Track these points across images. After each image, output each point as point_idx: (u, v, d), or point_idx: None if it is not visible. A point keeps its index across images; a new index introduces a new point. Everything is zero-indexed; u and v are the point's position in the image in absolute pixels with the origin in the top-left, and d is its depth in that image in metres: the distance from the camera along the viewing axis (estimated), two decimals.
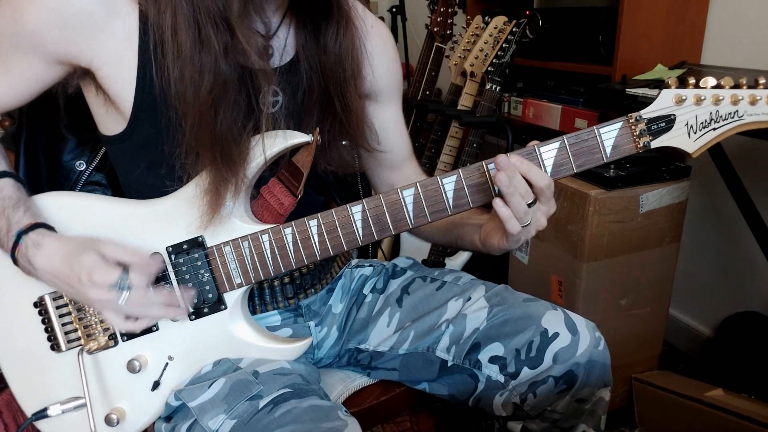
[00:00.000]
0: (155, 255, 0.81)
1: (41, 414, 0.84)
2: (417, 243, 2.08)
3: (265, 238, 0.82)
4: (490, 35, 1.94)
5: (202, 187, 0.80)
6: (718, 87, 0.76)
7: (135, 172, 0.86)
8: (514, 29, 1.88)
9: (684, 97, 0.76)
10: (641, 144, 0.78)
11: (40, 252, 0.77)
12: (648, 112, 0.77)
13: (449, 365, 0.94)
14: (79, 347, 0.84)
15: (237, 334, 0.85)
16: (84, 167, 0.95)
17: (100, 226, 0.83)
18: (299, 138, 0.84)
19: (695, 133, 0.77)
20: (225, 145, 0.77)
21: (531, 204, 0.76)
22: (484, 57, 1.95)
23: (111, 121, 0.84)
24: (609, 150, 0.78)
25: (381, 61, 0.95)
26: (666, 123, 0.77)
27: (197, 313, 0.84)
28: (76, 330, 0.85)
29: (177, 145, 0.78)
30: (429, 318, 0.97)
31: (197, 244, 0.83)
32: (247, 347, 0.86)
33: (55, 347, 0.86)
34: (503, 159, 0.75)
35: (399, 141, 1.05)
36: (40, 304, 0.85)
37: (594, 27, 1.79)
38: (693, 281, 1.97)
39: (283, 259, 0.83)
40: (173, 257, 0.83)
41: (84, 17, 0.74)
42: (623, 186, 1.52)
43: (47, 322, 0.85)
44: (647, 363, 1.75)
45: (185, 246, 0.83)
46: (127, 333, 0.84)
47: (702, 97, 0.76)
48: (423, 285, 1.02)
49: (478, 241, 0.90)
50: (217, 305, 0.84)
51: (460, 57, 2.09)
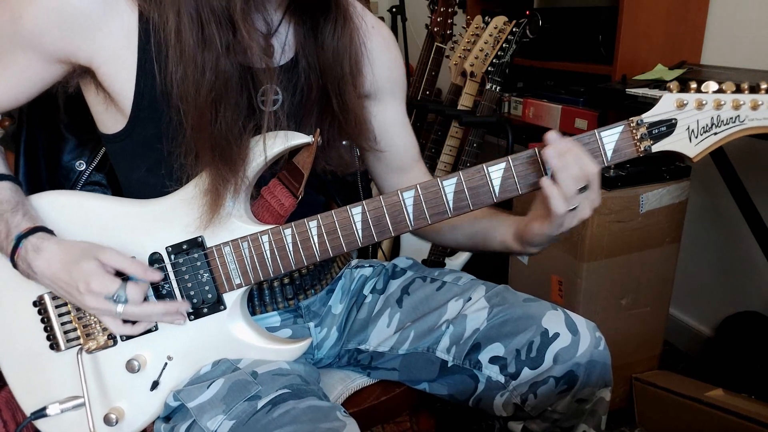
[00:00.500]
0: (156, 267, 0.82)
1: (40, 413, 0.84)
2: (417, 243, 2.08)
3: (265, 238, 0.82)
4: (490, 35, 1.94)
5: (201, 188, 0.80)
6: (719, 91, 0.75)
7: (135, 171, 0.86)
8: (514, 29, 1.88)
9: (685, 102, 0.76)
10: (642, 148, 0.77)
11: (39, 256, 0.77)
12: (649, 116, 0.77)
13: (449, 365, 0.94)
14: (78, 347, 0.84)
15: (236, 334, 0.85)
16: (84, 167, 0.95)
17: (99, 225, 0.83)
18: (300, 139, 0.83)
19: (696, 138, 0.77)
20: (225, 145, 0.77)
21: (582, 189, 0.76)
22: (484, 57, 1.95)
23: (110, 120, 0.84)
24: (610, 154, 0.78)
25: (382, 61, 0.94)
26: (667, 127, 0.77)
27: (196, 314, 0.84)
28: (75, 329, 0.85)
29: (177, 145, 0.78)
30: (429, 318, 0.97)
31: (197, 244, 0.83)
32: (247, 348, 0.86)
33: (55, 346, 0.86)
34: (553, 135, 0.75)
35: (404, 142, 1.03)
36: (39, 303, 0.85)
37: (594, 27, 1.79)
38: (693, 281, 1.97)
39: (283, 260, 0.83)
40: (173, 257, 0.83)
41: (82, 17, 0.74)
42: (623, 186, 1.52)
43: (46, 321, 0.85)
44: (647, 363, 1.75)
45: (185, 246, 0.83)
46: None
47: (703, 102, 0.76)
48: (423, 285, 1.02)
49: (510, 237, 0.89)
50: (217, 306, 0.84)
51: (460, 57, 2.09)
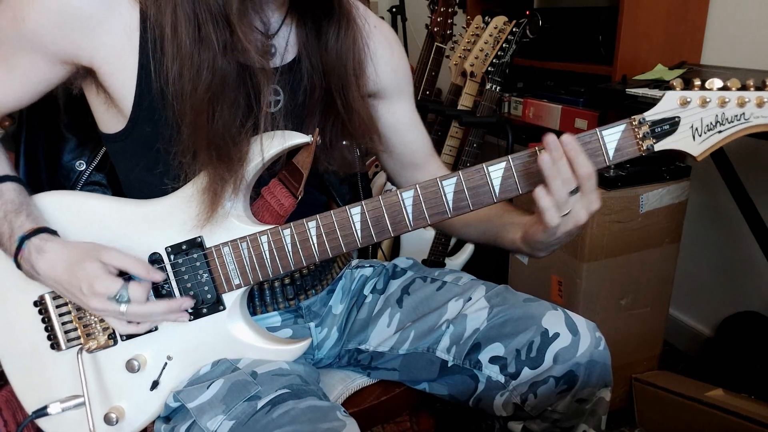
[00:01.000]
0: (156, 267, 0.82)
1: (41, 412, 0.84)
2: (417, 243, 2.08)
3: (264, 239, 0.82)
4: (490, 35, 1.94)
5: (199, 187, 0.80)
6: (724, 89, 0.74)
7: (135, 171, 0.86)
8: (514, 29, 1.88)
9: (689, 99, 0.74)
10: (645, 147, 0.76)
11: (42, 257, 0.77)
12: (652, 114, 0.75)
13: (449, 365, 0.94)
14: (79, 346, 0.84)
15: (236, 334, 0.85)
16: (84, 167, 0.95)
17: (100, 225, 0.83)
18: (298, 138, 0.83)
19: (700, 136, 0.75)
20: (222, 144, 0.77)
21: (573, 192, 0.74)
22: (484, 57, 1.95)
23: (111, 120, 0.84)
24: (612, 153, 0.76)
25: (384, 59, 0.95)
26: (670, 125, 0.75)
27: (196, 314, 0.84)
28: (75, 329, 0.85)
29: (174, 144, 0.78)
30: (429, 318, 0.97)
31: (196, 244, 0.83)
32: (246, 348, 0.86)
33: (55, 346, 0.86)
34: (552, 139, 0.73)
35: (415, 138, 1.03)
36: (40, 303, 0.85)
37: (594, 27, 1.79)
38: (693, 281, 1.97)
39: (282, 261, 0.83)
40: (172, 257, 0.83)
41: (83, 16, 0.74)
42: (623, 186, 1.52)
43: (47, 321, 0.85)
44: (647, 363, 1.75)
45: (184, 246, 0.83)
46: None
47: (707, 99, 0.74)
48: (423, 285, 1.02)
49: (519, 240, 0.88)
50: (216, 306, 0.84)
51: (460, 57, 2.09)
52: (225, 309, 0.84)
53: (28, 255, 0.78)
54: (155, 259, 0.83)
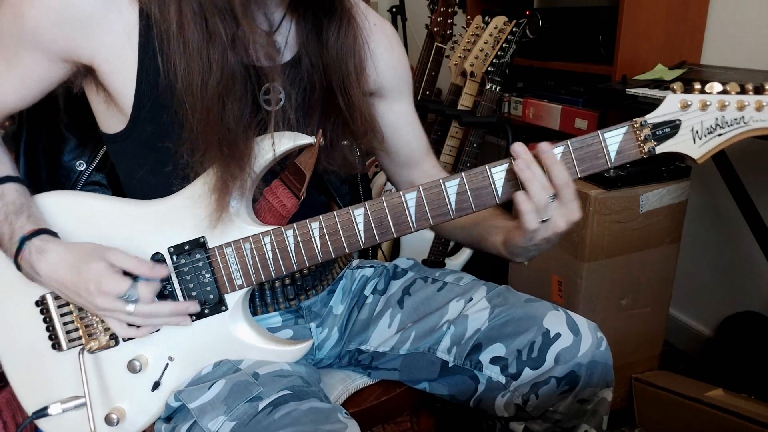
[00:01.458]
0: (161, 264, 0.81)
1: (42, 413, 0.84)
2: (417, 244, 2.08)
3: (267, 239, 0.82)
4: (490, 35, 1.94)
5: (209, 185, 0.79)
6: (723, 92, 0.75)
7: (137, 171, 0.86)
8: (514, 29, 1.88)
9: (689, 103, 0.75)
10: (646, 149, 0.77)
11: (43, 258, 0.77)
12: (653, 117, 0.76)
13: (450, 366, 0.94)
14: (80, 346, 0.84)
15: (237, 335, 0.85)
16: (84, 167, 0.95)
17: (101, 226, 0.83)
18: (304, 139, 0.83)
19: (700, 139, 0.76)
20: (232, 140, 0.77)
21: (552, 198, 0.76)
22: (484, 57, 1.95)
23: (112, 119, 0.84)
24: (613, 155, 0.77)
25: (384, 58, 0.95)
26: (671, 128, 0.76)
27: (198, 314, 0.84)
28: (77, 329, 0.85)
29: (182, 143, 0.78)
30: (430, 319, 0.97)
31: (199, 244, 0.82)
32: (248, 349, 0.86)
33: (56, 346, 0.85)
34: (517, 147, 0.75)
35: (413, 137, 1.04)
36: (41, 303, 0.85)
37: (594, 27, 1.79)
38: (693, 281, 1.97)
39: (285, 261, 0.82)
40: (175, 258, 0.82)
41: (83, 14, 0.74)
42: (623, 186, 1.52)
43: (49, 321, 0.85)
44: (647, 363, 1.75)
45: (187, 247, 0.82)
46: None
47: (707, 103, 0.75)
48: (424, 286, 1.02)
49: (500, 244, 0.88)
50: (218, 306, 0.84)
51: (460, 57, 2.09)
52: (227, 309, 0.84)
53: (28, 256, 0.78)
54: (157, 260, 0.82)
